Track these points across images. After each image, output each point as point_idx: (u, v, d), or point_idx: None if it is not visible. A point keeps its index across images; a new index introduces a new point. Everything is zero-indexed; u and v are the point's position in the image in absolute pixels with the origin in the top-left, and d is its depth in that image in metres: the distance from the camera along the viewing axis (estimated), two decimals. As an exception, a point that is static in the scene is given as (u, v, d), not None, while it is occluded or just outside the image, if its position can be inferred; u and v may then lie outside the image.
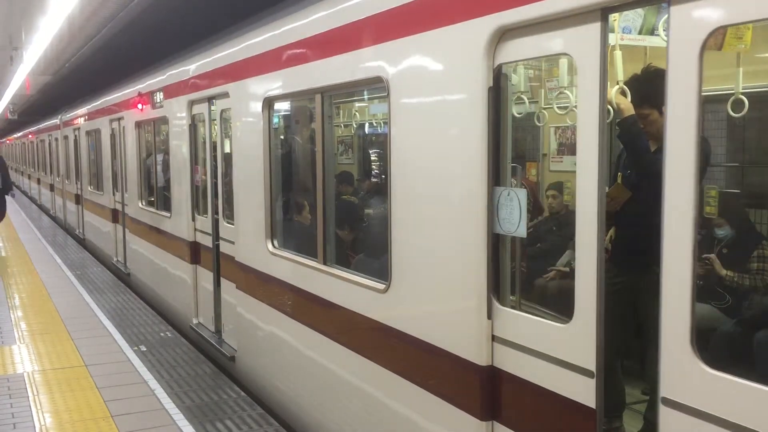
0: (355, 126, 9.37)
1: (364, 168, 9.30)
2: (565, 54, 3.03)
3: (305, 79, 5.10)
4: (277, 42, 5.57)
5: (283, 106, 6.33)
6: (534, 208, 6.07)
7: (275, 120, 6.10)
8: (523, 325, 3.23)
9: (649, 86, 3.93)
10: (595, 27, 2.75)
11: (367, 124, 9.11)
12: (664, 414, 2.57)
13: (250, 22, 6.63)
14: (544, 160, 7.20)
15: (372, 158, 9.20)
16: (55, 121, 20.87)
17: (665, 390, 2.56)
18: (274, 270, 5.77)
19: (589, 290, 2.81)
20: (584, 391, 2.87)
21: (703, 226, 5.17)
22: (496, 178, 3.32)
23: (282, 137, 6.61)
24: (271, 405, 6.03)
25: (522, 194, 3.23)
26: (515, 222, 3.23)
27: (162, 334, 8.18)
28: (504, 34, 3.18)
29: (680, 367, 2.49)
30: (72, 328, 8.37)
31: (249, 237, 6.31)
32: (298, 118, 6.49)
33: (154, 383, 6.44)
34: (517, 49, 3.16)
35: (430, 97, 3.73)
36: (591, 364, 2.83)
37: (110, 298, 10.12)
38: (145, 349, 7.52)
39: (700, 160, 2.42)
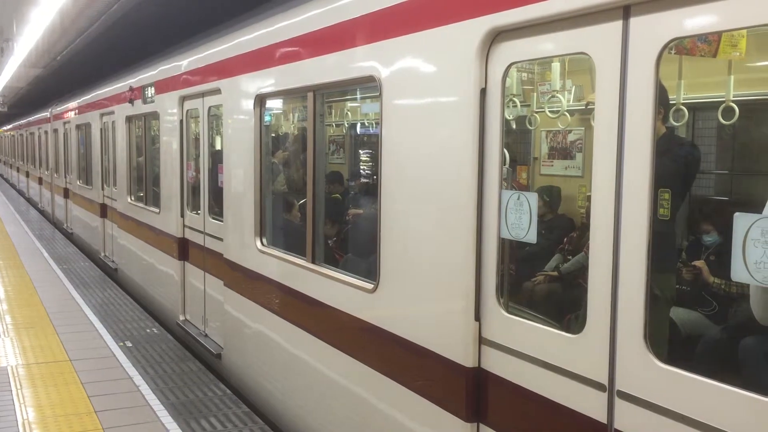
0: (346, 125, 9.35)
1: (354, 168, 9.28)
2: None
3: (298, 76, 5.09)
4: (271, 39, 5.55)
5: (275, 104, 6.31)
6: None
7: (267, 117, 6.08)
8: (515, 328, 3.21)
9: None
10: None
11: (359, 124, 9.09)
12: (619, 406, 2.67)
13: (243, 18, 6.61)
14: (534, 163, 7.22)
15: (363, 158, 9.19)
16: (45, 114, 20.74)
17: (620, 383, 2.66)
18: (263, 268, 5.74)
19: (603, 301, 2.73)
20: (594, 405, 2.78)
21: (692, 233, 5.21)
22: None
23: (273, 135, 6.59)
24: (257, 403, 6.01)
25: (533, 199, 3.13)
26: (525, 227, 3.14)
27: (148, 330, 8.13)
28: (499, 35, 3.18)
29: (634, 361, 2.59)
30: (57, 323, 8.31)
31: (238, 234, 6.28)
32: (290, 116, 6.48)
33: (139, 379, 6.40)
34: (517, 50, 3.15)
35: (423, 97, 3.73)
36: (603, 378, 2.74)
37: (97, 293, 10.06)
38: (130, 345, 7.48)
39: (677, 166, 2.49)
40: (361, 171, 8.55)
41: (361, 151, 9.32)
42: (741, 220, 2.24)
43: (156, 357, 7.12)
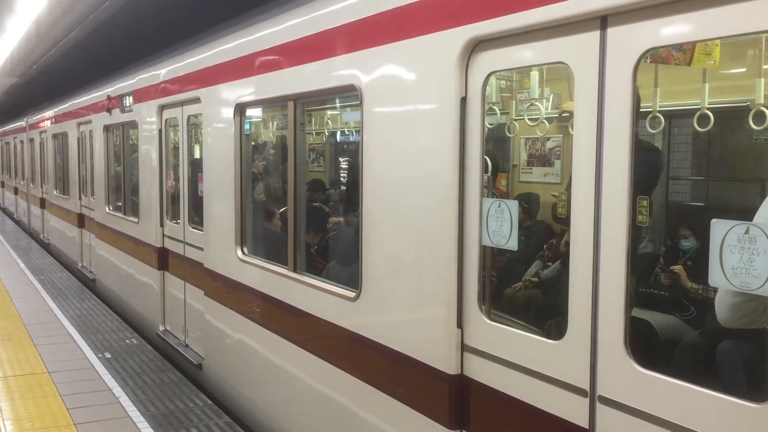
0: (327, 134, 9.36)
1: (336, 176, 9.28)
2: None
3: (278, 85, 5.09)
4: (250, 48, 5.55)
5: (255, 113, 6.30)
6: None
7: (246, 126, 6.07)
8: (497, 335, 3.23)
9: None
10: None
11: (339, 132, 9.10)
12: (601, 411, 2.69)
13: (222, 27, 6.60)
14: (514, 171, 7.27)
15: (343, 166, 9.19)
16: (21, 123, 20.50)
17: (601, 388, 2.69)
18: (244, 277, 5.72)
19: (584, 307, 2.75)
20: (576, 410, 2.80)
21: (670, 237, 5.28)
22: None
23: (254, 144, 6.58)
24: (239, 413, 5.97)
25: (513, 206, 3.14)
26: (506, 234, 3.15)
27: (127, 341, 8.05)
28: (479, 44, 3.21)
29: (614, 366, 2.63)
30: (35, 334, 8.21)
31: (218, 243, 6.25)
32: (270, 125, 6.47)
33: (118, 391, 6.34)
34: (497, 60, 3.18)
35: (404, 106, 3.74)
36: (585, 383, 2.77)
37: (75, 304, 9.95)
38: (110, 356, 7.41)
39: (642, 170, 2.53)
40: (342, 179, 8.56)
41: (341, 159, 9.33)
42: (718, 227, 2.28)
43: (136, 368, 7.06)
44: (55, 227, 15.28)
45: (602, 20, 2.64)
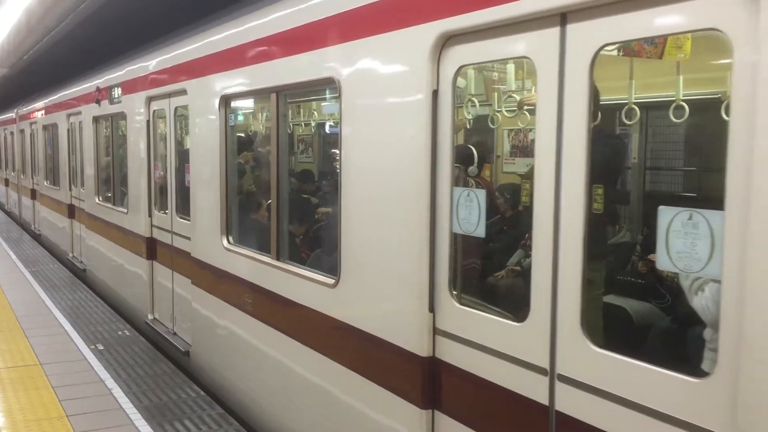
0: (313, 125, 9.46)
1: (324, 167, 9.39)
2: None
3: (261, 78, 5.20)
4: (234, 41, 5.66)
5: (239, 104, 6.41)
6: (490, 208, 6.23)
7: (232, 117, 6.18)
8: (466, 319, 3.37)
9: None
10: None
11: (327, 124, 9.21)
12: (559, 389, 2.84)
13: (209, 19, 6.69)
14: (497, 161, 7.39)
15: (331, 157, 9.29)
16: (11, 114, 20.51)
17: (560, 367, 2.84)
18: (229, 265, 5.84)
19: (545, 291, 2.89)
20: (537, 389, 2.95)
21: (648, 226, 5.41)
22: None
23: (239, 135, 6.68)
24: (225, 398, 6.10)
25: (481, 195, 3.28)
26: (474, 222, 3.30)
27: (120, 333, 8.06)
28: (449, 39, 3.33)
29: (572, 346, 2.78)
30: (27, 326, 8.22)
31: (205, 233, 6.37)
32: (255, 117, 6.57)
33: (111, 382, 6.32)
34: (466, 54, 3.31)
35: (379, 98, 3.87)
36: (545, 363, 2.91)
37: (66, 296, 9.99)
38: (102, 348, 7.42)
39: (603, 158, 2.64)
40: (329, 170, 8.67)
41: (329, 150, 9.43)
42: (664, 213, 2.42)
43: (128, 359, 7.08)
44: (46, 218, 15.36)
45: (562, 17, 2.77)
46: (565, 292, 2.79)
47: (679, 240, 2.36)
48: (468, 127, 4.71)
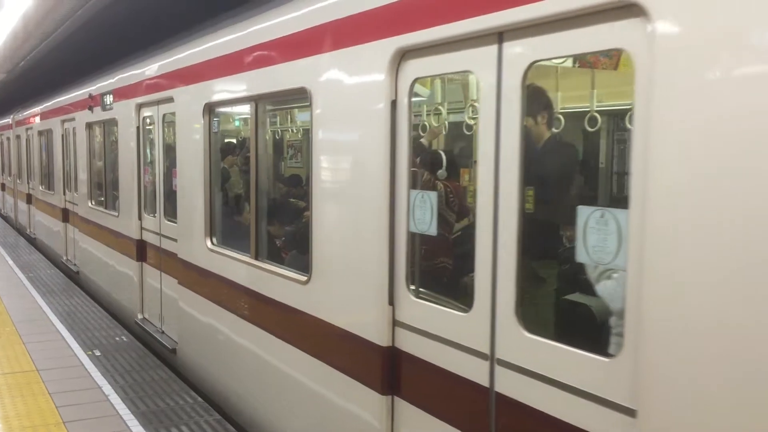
0: (302, 131, 9.73)
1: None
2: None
3: (241, 87, 5.50)
4: (216, 52, 5.96)
5: (222, 112, 6.70)
6: (460, 210, 6.51)
7: (215, 124, 6.47)
8: (421, 311, 3.66)
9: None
10: None
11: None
12: (498, 372, 3.13)
13: (197, 29, 6.98)
14: (474, 166, 7.65)
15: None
16: (8, 120, 20.80)
17: (498, 352, 3.12)
18: (212, 265, 6.13)
19: (485, 283, 3.19)
20: (480, 372, 3.24)
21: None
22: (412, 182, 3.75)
23: (223, 142, 6.96)
24: (208, 391, 6.39)
25: (433, 197, 3.61)
26: (427, 221, 3.62)
27: (117, 339, 8.04)
28: (405, 54, 3.63)
29: (508, 333, 3.07)
30: (23, 332, 8.18)
31: (190, 235, 6.66)
32: (237, 125, 6.83)
33: (108, 388, 6.33)
34: (420, 68, 3.60)
35: (344, 107, 4.17)
36: (486, 348, 3.21)
37: (63, 301, 9.97)
38: (99, 354, 7.41)
39: (556, 165, 2.92)
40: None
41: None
42: (581, 212, 2.72)
43: (125, 366, 7.07)
44: (41, 222, 15.63)
45: (499, 36, 3.07)
46: (503, 284, 3.08)
47: (594, 236, 2.66)
48: (444, 133, 5.03)
